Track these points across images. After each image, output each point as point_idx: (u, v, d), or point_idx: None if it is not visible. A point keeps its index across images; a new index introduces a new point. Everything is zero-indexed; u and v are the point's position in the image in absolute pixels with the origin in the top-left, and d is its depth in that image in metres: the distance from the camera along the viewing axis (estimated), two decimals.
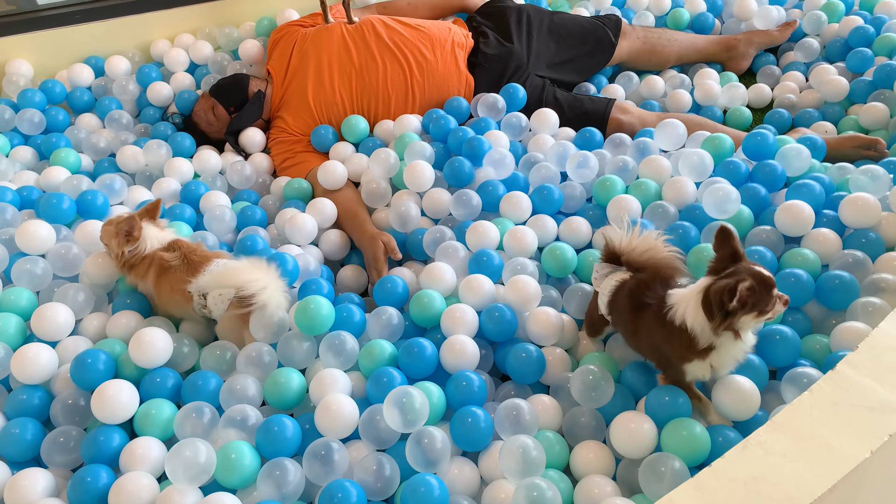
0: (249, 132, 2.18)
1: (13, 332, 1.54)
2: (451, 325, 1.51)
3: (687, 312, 1.21)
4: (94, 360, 1.44)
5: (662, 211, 1.70)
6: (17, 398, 1.45)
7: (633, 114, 2.09)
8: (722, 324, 1.18)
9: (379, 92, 2.11)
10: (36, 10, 2.46)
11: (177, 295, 1.55)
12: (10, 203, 1.85)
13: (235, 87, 2.21)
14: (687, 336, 1.22)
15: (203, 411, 1.38)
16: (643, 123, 2.07)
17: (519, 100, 2.10)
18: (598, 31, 2.34)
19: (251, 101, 2.19)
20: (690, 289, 1.25)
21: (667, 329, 1.25)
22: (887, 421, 0.97)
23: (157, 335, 1.45)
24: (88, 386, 1.42)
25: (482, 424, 1.33)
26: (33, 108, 2.23)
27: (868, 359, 1.06)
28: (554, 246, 1.66)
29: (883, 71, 2.11)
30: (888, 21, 2.34)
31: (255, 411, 1.40)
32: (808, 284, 1.48)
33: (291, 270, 1.67)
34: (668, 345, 1.27)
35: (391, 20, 2.17)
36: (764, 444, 0.96)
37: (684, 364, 1.27)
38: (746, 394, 1.30)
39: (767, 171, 1.74)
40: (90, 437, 1.36)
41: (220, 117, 2.21)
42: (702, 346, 1.22)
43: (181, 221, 1.85)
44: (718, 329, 1.19)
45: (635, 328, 1.34)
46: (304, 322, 1.50)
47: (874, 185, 1.65)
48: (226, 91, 2.21)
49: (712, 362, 1.25)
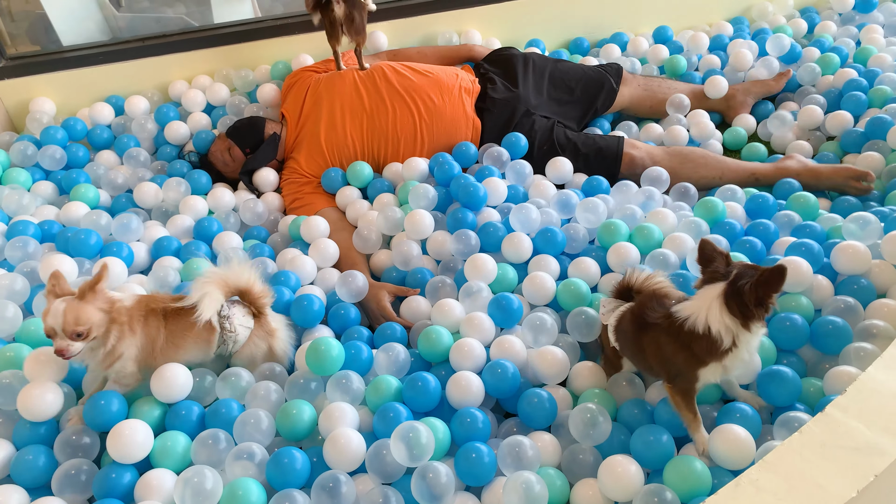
0: (263, 172, 2.26)
1: None
2: (460, 360, 1.57)
3: (709, 318, 1.29)
4: (107, 401, 1.46)
5: (663, 258, 1.76)
6: (24, 428, 1.49)
7: (642, 149, 2.18)
8: (756, 316, 1.26)
9: (389, 135, 2.19)
10: (60, 52, 2.57)
11: (191, 334, 1.53)
12: (31, 236, 1.92)
13: (251, 129, 2.29)
14: (709, 341, 1.29)
15: (219, 438, 1.43)
16: (651, 157, 2.16)
17: (521, 148, 2.18)
18: (600, 77, 2.43)
19: (266, 142, 2.26)
20: (703, 298, 1.32)
21: (681, 339, 1.32)
22: (873, 462, 1.02)
23: (178, 370, 1.50)
24: (102, 427, 1.45)
25: (486, 460, 1.38)
26: (55, 144, 2.32)
27: (855, 402, 1.11)
28: (569, 282, 1.73)
29: (875, 122, 2.19)
30: (881, 74, 2.43)
31: (261, 449, 1.43)
32: (802, 329, 1.54)
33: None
34: (683, 354, 1.33)
35: (401, 66, 2.26)
36: (756, 483, 1.01)
37: (700, 369, 1.33)
38: (742, 443, 1.33)
39: (762, 229, 1.81)
40: (103, 474, 1.39)
41: (236, 158, 2.29)
42: (725, 346, 1.29)
43: (199, 257, 1.92)
44: (748, 323, 1.27)
45: (642, 346, 1.41)
46: (314, 363, 1.56)
47: (865, 232, 1.71)
48: (242, 133, 2.29)
49: (727, 363, 1.32)
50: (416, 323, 1.78)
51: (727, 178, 2.14)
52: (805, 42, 2.79)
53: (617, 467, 1.32)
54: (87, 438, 1.46)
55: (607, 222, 1.87)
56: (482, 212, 2.00)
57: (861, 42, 2.69)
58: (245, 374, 1.58)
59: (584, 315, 1.64)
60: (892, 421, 1.08)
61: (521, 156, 2.18)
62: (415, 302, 1.83)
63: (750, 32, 2.88)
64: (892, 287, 1.62)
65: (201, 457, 1.43)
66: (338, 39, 2.19)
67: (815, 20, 2.87)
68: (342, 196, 2.17)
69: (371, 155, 2.22)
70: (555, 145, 2.21)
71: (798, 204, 1.90)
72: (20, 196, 2.09)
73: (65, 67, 2.52)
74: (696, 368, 1.33)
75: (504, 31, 2.76)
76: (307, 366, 1.56)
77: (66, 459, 1.44)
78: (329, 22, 2.15)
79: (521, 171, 2.12)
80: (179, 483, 1.33)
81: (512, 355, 1.59)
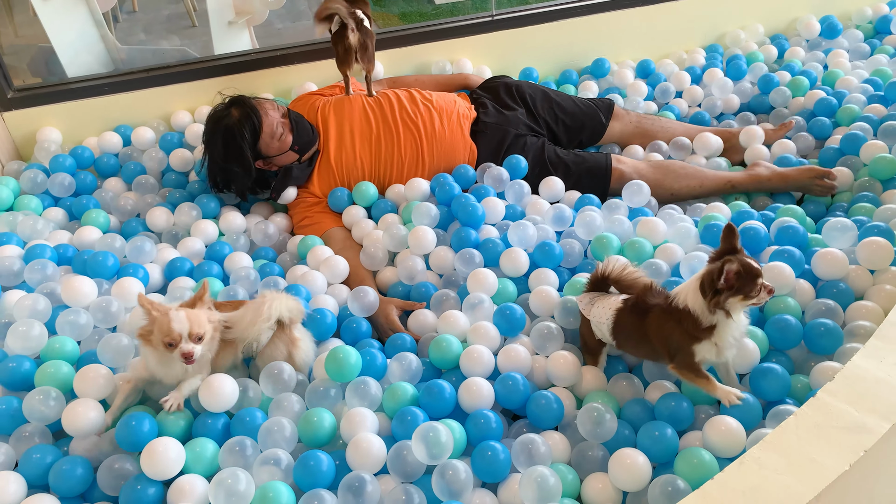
0: (287, 190, 2.31)
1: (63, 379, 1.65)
2: (470, 366, 1.66)
3: (688, 296, 1.44)
4: (138, 422, 1.51)
5: (655, 268, 1.87)
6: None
7: (628, 164, 2.32)
8: (712, 301, 1.39)
9: (394, 159, 2.30)
10: (66, 83, 2.65)
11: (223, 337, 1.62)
12: (49, 259, 1.99)
13: (310, 137, 2.29)
14: (691, 317, 1.43)
15: (245, 445, 1.50)
16: (637, 171, 2.30)
17: (521, 170, 2.29)
18: (589, 109, 2.56)
19: (309, 162, 2.31)
20: (692, 278, 1.46)
21: (674, 317, 1.46)
22: (862, 439, 1.13)
23: (224, 380, 1.56)
24: (134, 447, 1.49)
25: (501, 457, 1.46)
26: (64, 171, 2.39)
27: (843, 387, 1.22)
28: (574, 280, 1.84)
29: (849, 139, 2.35)
30: (848, 94, 2.60)
31: (286, 454, 1.50)
32: (796, 329, 1.65)
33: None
34: (678, 330, 1.46)
35: (405, 93, 2.38)
36: (758, 460, 1.11)
37: (694, 345, 1.45)
38: (734, 433, 1.43)
39: (752, 234, 1.92)
40: (130, 486, 1.45)
41: (283, 140, 2.24)
42: (705, 325, 1.42)
43: (213, 277, 2.00)
44: (710, 307, 1.40)
45: (645, 332, 1.53)
46: (334, 370, 1.64)
47: (843, 238, 1.85)
48: (304, 131, 2.27)
49: (717, 341, 1.44)
50: (424, 335, 1.87)
51: (707, 185, 2.28)
52: (776, 66, 2.96)
53: (626, 459, 1.41)
54: (128, 465, 1.50)
55: (599, 235, 1.99)
56: (482, 229, 2.11)
57: (828, 66, 2.87)
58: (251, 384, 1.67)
59: (570, 303, 1.76)
60: (876, 403, 1.19)
61: (522, 176, 2.30)
62: (421, 315, 1.91)
63: (724, 59, 3.05)
64: (869, 289, 1.75)
65: (229, 463, 1.49)
66: (350, 66, 2.28)
67: (785, 46, 3.05)
68: (348, 215, 2.26)
69: (377, 176, 2.32)
70: (546, 164, 2.32)
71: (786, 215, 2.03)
72: (34, 222, 2.16)
73: (71, 98, 2.60)
74: (690, 344, 1.46)
75: (493, 60, 2.91)
76: (326, 373, 1.64)
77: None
78: (344, 49, 2.25)
79: (518, 191, 2.23)
80: (213, 485, 1.39)
81: (518, 363, 1.67)
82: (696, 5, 3.03)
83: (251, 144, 2.21)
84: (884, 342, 1.31)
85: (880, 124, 2.37)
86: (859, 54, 2.94)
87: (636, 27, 3.00)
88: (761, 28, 3.12)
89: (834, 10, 3.11)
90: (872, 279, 1.78)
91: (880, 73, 2.71)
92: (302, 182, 2.31)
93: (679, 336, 1.46)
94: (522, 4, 2.93)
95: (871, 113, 2.47)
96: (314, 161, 2.32)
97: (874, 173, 2.21)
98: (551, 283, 1.90)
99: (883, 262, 1.77)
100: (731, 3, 3.07)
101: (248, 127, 2.20)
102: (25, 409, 1.58)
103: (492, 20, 2.84)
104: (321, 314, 1.82)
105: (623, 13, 2.95)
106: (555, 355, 1.66)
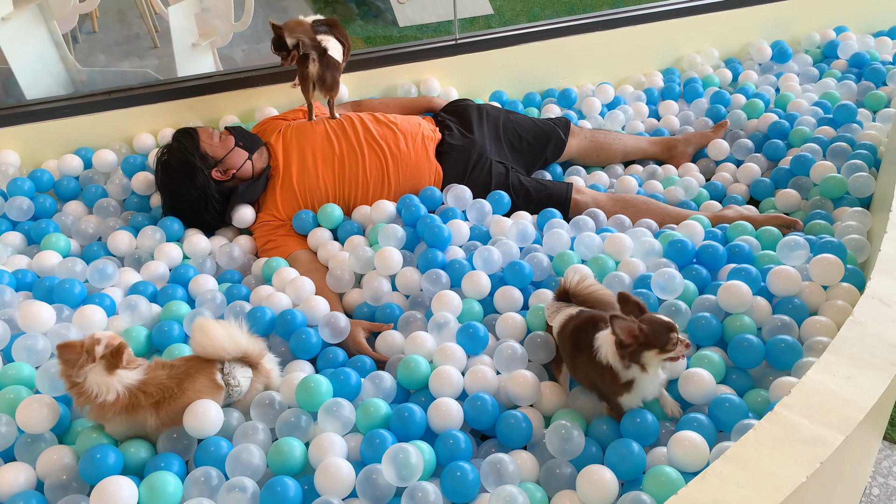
0: (241, 209, 2.31)
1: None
2: (439, 387, 1.67)
3: (608, 353, 1.47)
4: (103, 455, 1.48)
5: (618, 281, 1.91)
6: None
7: (588, 194, 2.36)
8: (625, 359, 1.44)
9: (359, 180, 2.31)
10: (25, 105, 2.61)
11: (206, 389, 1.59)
12: (7, 285, 1.95)
13: (253, 136, 2.34)
14: (612, 372, 1.47)
15: (210, 475, 1.48)
16: (596, 202, 2.34)
17: (504, 205, 2.31)
18: (549, 129, 2.62)
19: (262, 176, 2.32)
20: (608, 331, 1.49)
21: (598, 368, 1.49)
22: (818, 451, 1.17)
23: (209, 405, 1.55)
24: (96, 481, 1.45)
25: (470, 477, 1.47)
26: (22, 195, 2.35)
27: (799, 401, 1.26)
28: (536, 307, 1.85)
29: (798, 161, 2.44)
30: (799, 117, 2.71)
31: (252, 482, 1.47)
32: (758, 348, 1.69)
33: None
34: (602, 382, 1.51)
35: (369, 116, 2.41)
36: (720, 474, 1.14)
37: (618, 398, 1.51)
38: (698, 448, 1.46)
39: (711, 251, 1.98)
40: None
41: (224, 141, 2.30)
42: (623, 380, 1.46)
43: (179, 300, 1.99)
44: (624, 362, 1.44)
45: (575, 365, 1.58)
46: (305, 399, 1.64)
47: (794, 256, 1.92)
48: (243, 132, 2.34)
49: (637, 394, 1.49)
50: (392, 357, 1.88)
51: (668, 223, 2.28)
52: (730, 90, 3.06)
53: (594, 476, 1.43)
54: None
55: (561, 252, 2.02)
56: (447, 250, 2.13)
57: (780, 89, 2.98)
58: (235, 413, 1.65)
59: (540, 338, 1.77)
60: (830, 415, 1.23)
61: (505, 212, 2.31)
62: (389, 336, 1.92)
63: (681, 82, 3.15)
64: (822, 305, 1.81)
65: (193, 494, 1.46)
66: (308, 93, 2.30)
67: (739, 69, 3.16)
68: (314, 238, 2.26)
69: (342, 198, 2.33)
70: (509, 190, 2.36)
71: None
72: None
73: (30, 120, 2.55)
74: (616, 396, 1.51)
75: (458, 83, 2.95)
76: (298, 403, 1.64)
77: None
78: (302, 76, 2.27)
79: (480, 209, 2.26)
80: None
81: (485, 383, 1.69)
82: (653, 30, 3.12)
83: (195, 150, 2.25)
84: (836, 356, 1.36)
85: (829, 145, 2.47)
86: (809, 77, 3.06)
87: (596, 51, 3.08)
88: (716, 52, 3.22)
89: (784, 36, 3.23)
90: (825, 294, 1.84)
91: (829, 95, 2.82)
92: (253, 199, 2.32)
93: (605, 387, 1.53)
94: (485, 28, 2.98)
95: (821, 134, 2.57)
96: (264, 177, 2.33)
97: (825, 192, 2.30)
98: (515, 302, 1.93)
99: (834, 278, 1.83)
100: (687, 28, 3.17)
101: (186, 139, 2.28)
102: None
103: (455, 44, 2.89)
104: (306, 335, 1.84)
105: (583, 37, 3.03)
106: (515, 374, 1.68)
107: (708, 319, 1.77)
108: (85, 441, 1.56)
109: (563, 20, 3.03)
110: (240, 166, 2.29)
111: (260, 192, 2.33)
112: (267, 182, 2.34)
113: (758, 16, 3.21)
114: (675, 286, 1.86)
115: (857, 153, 2.39)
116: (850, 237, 2.00)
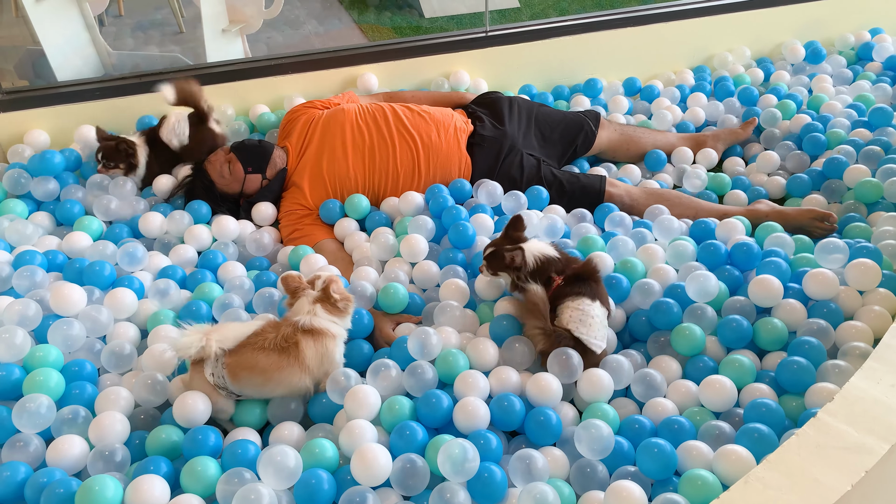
0: (262, 206, 2.32)
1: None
2: (464, 390, 1.63)
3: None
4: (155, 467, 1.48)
5: (648, 288, 1.88)
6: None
7: (621, 188, 2.35)
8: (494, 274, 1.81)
9: (389, 170, 2.30)
10: (56, 86, 2.62)
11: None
12: (39, 266, 1.95)
13: (259, 151, 2.34)
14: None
15: (243, 476, 1.45)
16: (630, 195, 2.33)
17: (542, 200, 2.29)
18: (579, 120, 2.60)
19: (276, 178, 2.34)
20: None
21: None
22: (863, 459, 1.15)
23: (197, 397, 1.56)
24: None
25: (497, 479, 1.45)
26: (47, 174, 2.34)
27: (843, 408, 1.24)
28: None
29: (832, 163, 2.40)
30: (832, 119, 2.67)
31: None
32: (808, 371, 1.63)
33: None
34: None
35: (400, 106, 2.40)
36: (762, 479, 1.13)
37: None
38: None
39: (745, 250, 1.95)
40: None
41: (235, 173, 2.33)
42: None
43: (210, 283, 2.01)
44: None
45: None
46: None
47: (831, 259, 1.89)
48: (248, 151, 2.34)
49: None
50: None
51: (702, 217, 2.24)
52: (762, 90, 3.02)
53: (622, 492, 1.36)
54: None
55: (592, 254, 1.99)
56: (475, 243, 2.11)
57: (813, 90, 2.94)
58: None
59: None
60: (875, 423, 1.21)
61: (543, 208, 2.28)
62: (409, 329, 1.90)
63: (711, 80, 3.11)
64: (859, 310, 1.79)
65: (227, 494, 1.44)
66: None
67: (771, 69, 3.12)
68: (340, 227, 2.25)
69: (372, 187, 2.32)
70: (542, 183, 2.34)
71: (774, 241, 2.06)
72: (23, 227, 2.12)
73: (60, 102, 2.56)
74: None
75: (488, 75, 2.93)
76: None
77: None
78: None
79: (517, 201, 2.24)
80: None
81: (511, 384, 1.67)
82: (684, 27, 3.08)
83: (214, 197, 2.34)
84: (880, 363, 1.34)
85: (863, 148, 2.43)
86: (842, 79, 3.01)
87: (626, 47, 3.05)
88: (748, 51, 3.19)
89: (818, 36, 3.19)
90: (861, 300, 1.81)
91: (863, 98, 2.78)
92: (271, 198, 2.35)
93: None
94: (515, 21, 2.96)
95: (856, 137, 2.53)
96: (281, 176, 2.35)
97: (860, 197, 2.27)
98: None
99: (871, 283, 1.81)
100: (719, 26, 3.13)
101: (199, 186, 2.35)
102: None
103: (486, 36, 2.87)
104: (358, 314, 1.84)
105: (613, 33, 3.00)
106: (535, 377, 1.65)
107: (739, 322, 1.75)
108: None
109: (595, 14, 3.01)
110: (256, 188, 2.34)
111: (276, 191, 2.36)
112: (284, 180, 2.36)
113: (791, 15, 3.17)
114: (709, 289, 1.83)
115: (891, 157, 2.35)
116: (886, 242, 1.97)
